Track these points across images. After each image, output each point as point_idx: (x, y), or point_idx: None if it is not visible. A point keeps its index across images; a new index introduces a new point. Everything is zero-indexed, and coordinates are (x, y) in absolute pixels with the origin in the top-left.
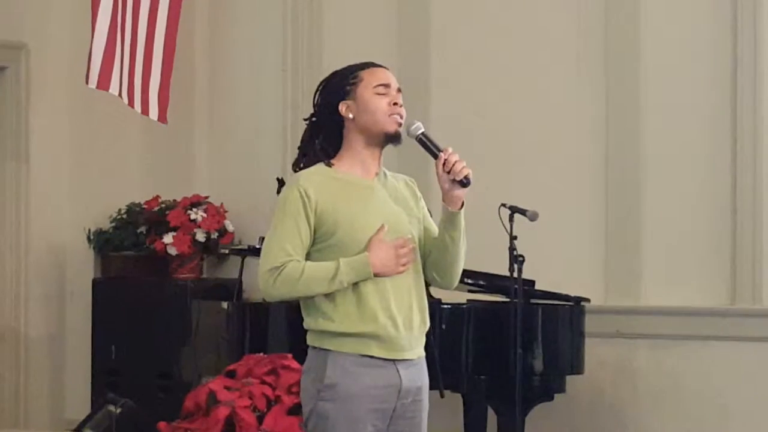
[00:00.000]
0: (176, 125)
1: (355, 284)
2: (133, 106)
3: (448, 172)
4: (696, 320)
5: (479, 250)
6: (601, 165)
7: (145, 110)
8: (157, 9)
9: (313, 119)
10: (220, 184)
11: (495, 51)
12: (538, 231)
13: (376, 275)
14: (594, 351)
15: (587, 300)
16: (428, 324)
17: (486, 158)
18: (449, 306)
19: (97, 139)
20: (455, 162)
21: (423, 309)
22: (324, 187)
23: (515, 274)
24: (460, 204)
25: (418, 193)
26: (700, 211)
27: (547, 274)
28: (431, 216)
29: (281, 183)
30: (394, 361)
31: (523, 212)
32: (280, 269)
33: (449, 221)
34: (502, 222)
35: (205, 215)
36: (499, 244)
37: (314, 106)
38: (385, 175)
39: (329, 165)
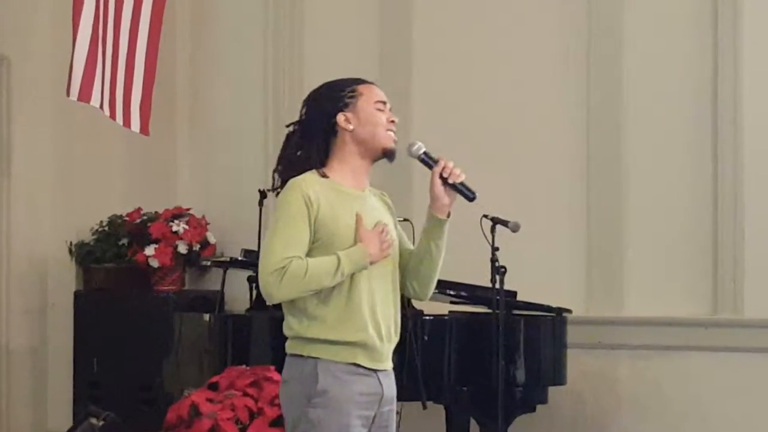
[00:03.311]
0: (158, 137)
1: (348, 292)
2: (114, 119)
3: (446, 178)
4: (678, 331)
5: (461, 261)
6: (583, 176)
7: (126, 122)
8: (138, 21)
9: (302, 127)
10: (201, 196)
11: (476, 66)
12: (519, 242)
13: (371, 263)
14: (576, 362)
15: (569, 311)
16: (399, 336)
17: (467, 169)
18: (431, 317)
19: (79, 152)
20: (453, 167)
21: (398, 321)
22: (323, 195)
23: (497, 286)
24: (448, 213)
25: (392, 207)
26: (682, 222)
27: (529, 285)
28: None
29: (263, 195)
30: (375, 370)
31: (504, 223)
32: (285, 269)
33: (437, 229)
34: (483, 233)
35: (186, 227)
36: (480, 255)
37: (302, 115)
38: (368, 188)
39: (323, 175)
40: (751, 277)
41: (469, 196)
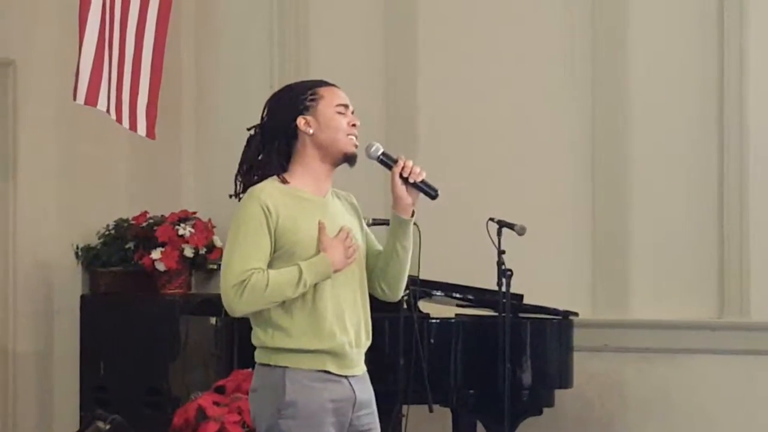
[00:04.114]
0: (164, 141)
1: (313, 301)
2: (120, 122)
3: (407, 177)
4: (684, 334)
5: (467, 264)
6: (588, 179)
7: (133, 126)
8: (144, 25)
9: (262, 131)
10: (208, 200)
11: (481, 68)
12: (526, 245)
13: (334, 272)
14: (582, 365)
15: (575, 314)
16: (371, 340)
17: (473, 173)
18: (438, 320)
19: (85, 155)
20: (412, 165)
21: (368, 325)
22: (283, 203)
23: (503, 289)
24: (411, 212)
25: (359, 208)
26: (688, 225)
27: (536, 288)
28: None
29: None
30: (346, 376)
31: (511, 226)
32: (246, 283)
33: (401, 229)
34: (490, 236)
35: (193, 231)
36: (487, 258)
37: (263, 117)
38: (330, 192)
39: (284, 181)
40: (757, 280)
41: (431, 194)
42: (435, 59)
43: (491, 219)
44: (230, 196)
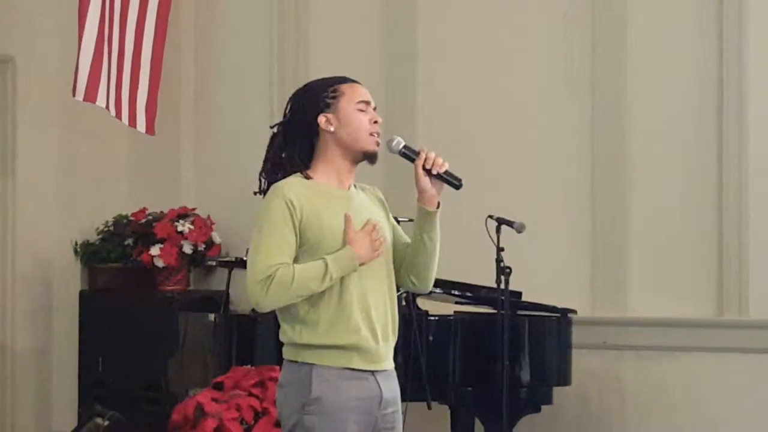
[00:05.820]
0: (163, 137)
1: (339, 295)
2: (120, 119)
3: (430, 169)
4: (683, 331)
5: (466, 261)
6: (588, 176)
7: (132, 122)
8: (144, 21)
9: (285, 128)
10: (207, 196)
11: (482, 66)
12: (525, 242)
13: (360, 265)
14: (581, 362)
15: (574, 311)
16: (397, 335)
17: (473, 170)
18: (436, 317)
19: (84, 152)
20: (435, 157)
21: (396, 320)
22: (307, 198)
23: (502, 286)
24: (437, 204)
25: (385, 201)
26: (687, 223)
27: (534, 286)
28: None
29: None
30: (373, 372)
31: (510, 224)
32: (271, 278)
33: (428, 221)
34: (488, 233)
35: (192, 227)
36: (485, 255)
37: (286, 114)
38: (355, 186)
39: (307, 177)
40: (756, 278)
41: (456, 184)
42: (434, 58)
43: (490, 216)
44: (255, 193)
